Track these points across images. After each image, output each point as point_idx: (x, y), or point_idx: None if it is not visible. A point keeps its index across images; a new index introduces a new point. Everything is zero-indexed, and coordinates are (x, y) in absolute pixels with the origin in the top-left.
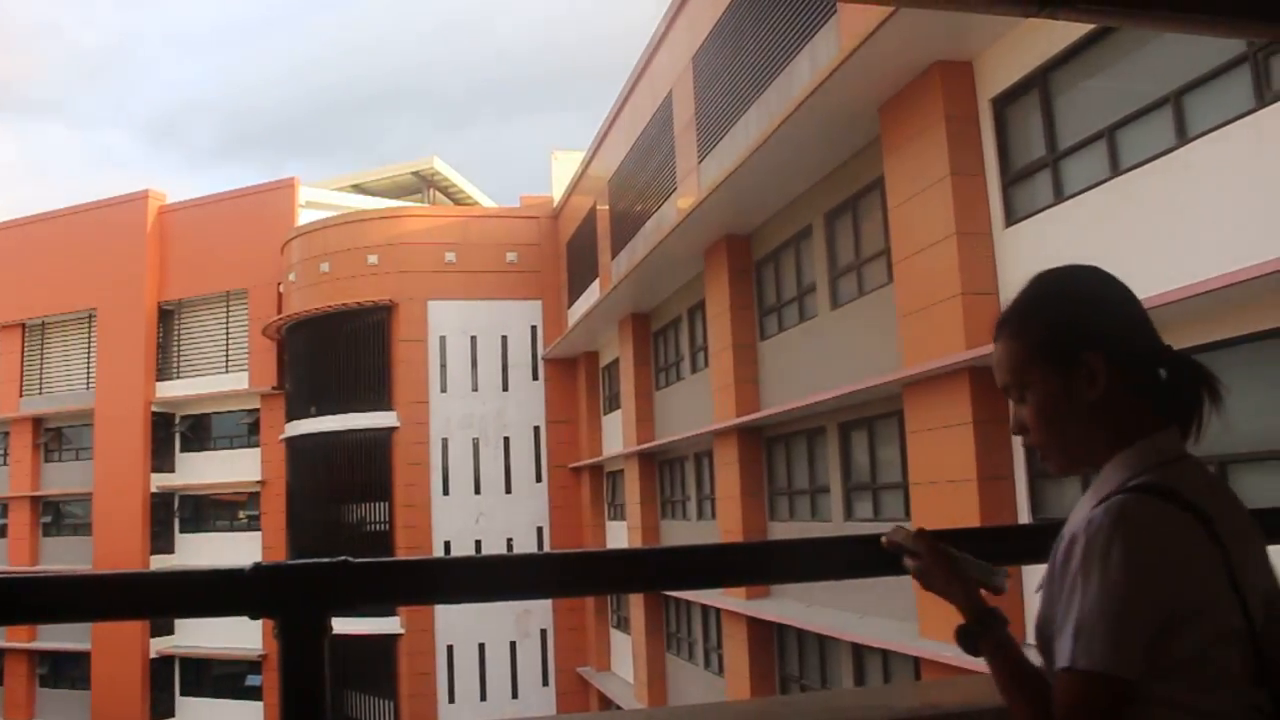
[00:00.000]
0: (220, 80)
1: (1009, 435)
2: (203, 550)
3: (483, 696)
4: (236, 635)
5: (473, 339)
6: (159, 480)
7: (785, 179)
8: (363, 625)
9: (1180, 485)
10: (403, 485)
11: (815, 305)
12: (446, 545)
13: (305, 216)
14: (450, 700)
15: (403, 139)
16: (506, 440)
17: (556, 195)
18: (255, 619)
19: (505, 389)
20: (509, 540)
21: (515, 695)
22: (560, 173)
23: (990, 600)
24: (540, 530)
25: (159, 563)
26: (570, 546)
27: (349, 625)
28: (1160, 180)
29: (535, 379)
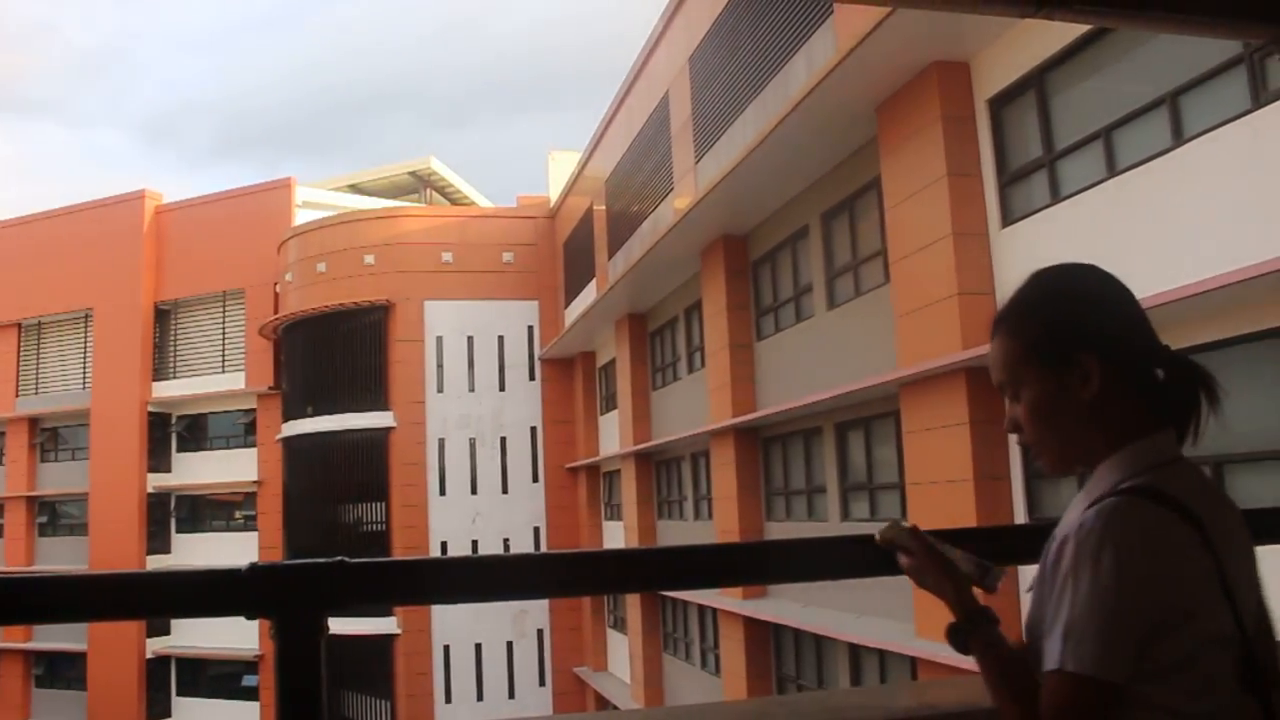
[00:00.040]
0: (217, 80)
1: (1005, 435)
2: (199, 550)
3: (479, 696)
4: (233, 635)
5: (469, 339)
6: (155, 480)
7: (782, 179)
8: (360, 625)
9: (1173, 488)
10: (399, 485)
11: (812, 305)
12: (443, 545)
13: (302, 216)
14: (447, 700)
15: (399, 139)
16: (503, 440)
17: (553, 195)
18: (252, 619)
19: (502, 389)
20: (506, 540)
21: (512, 695)
22: (557, 173)
23: (985, 599)
24: (537, 530)
25: (155, 563)
26: (567, 547)
27: (346, 625)
28: (1157, 181)
29: (532, 379)
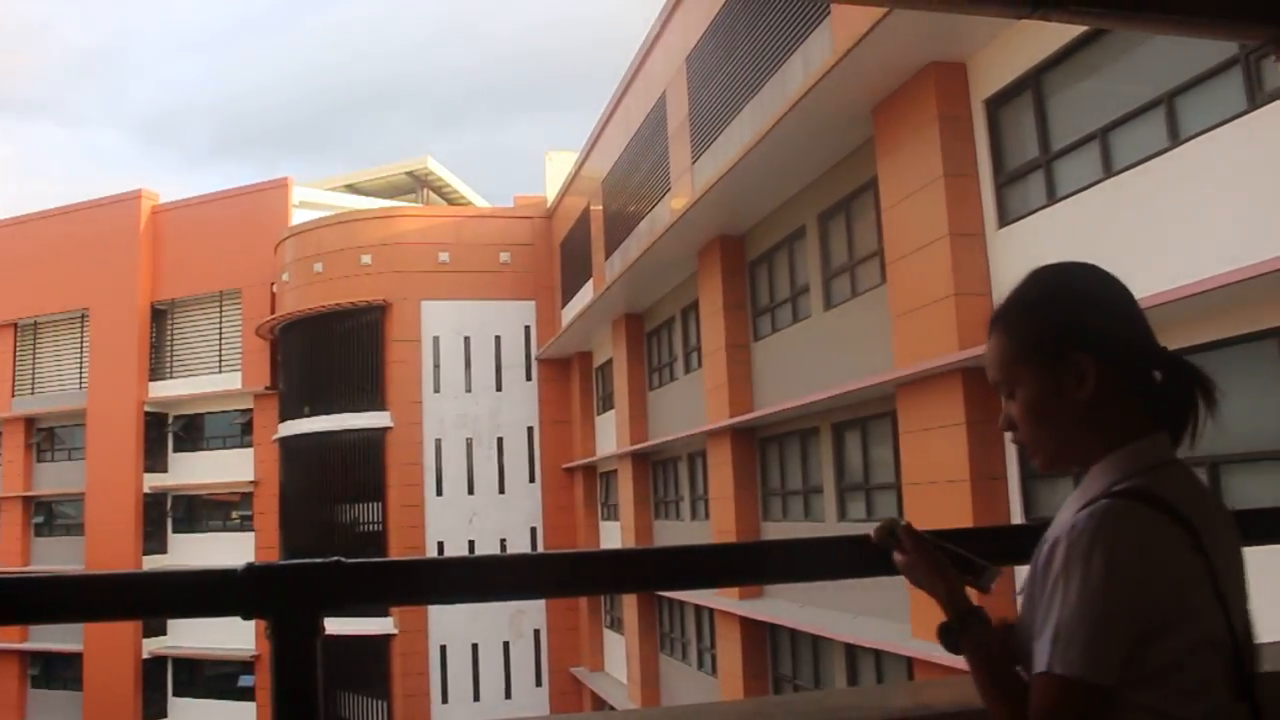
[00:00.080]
0: (214, 80)
1: (1001, 436)
2: (196, 550)
3: (476, 697)
4: (229, 636)
5: (466, 339)
6: (152, 480)
7: (779, 180)
8: (356, 625)
9: (1166, 491)
10: (396, 485)
11: (809, 306)
12: (440, 545)
13: (299, 216)
14: (444, 700)
15: (397, 139)
16: (500, 441)
17: (550, 196)
18: (248, 619)
19: (499, 389)
20: (502, 541)
21: (509, 695)
22: (554, 173)
23: (979, 599)
24: (534, 531)
25: (152, 563)
26: (563, 547)
27: (342, 625)
28: (1153, 182)
29: (529, 379)
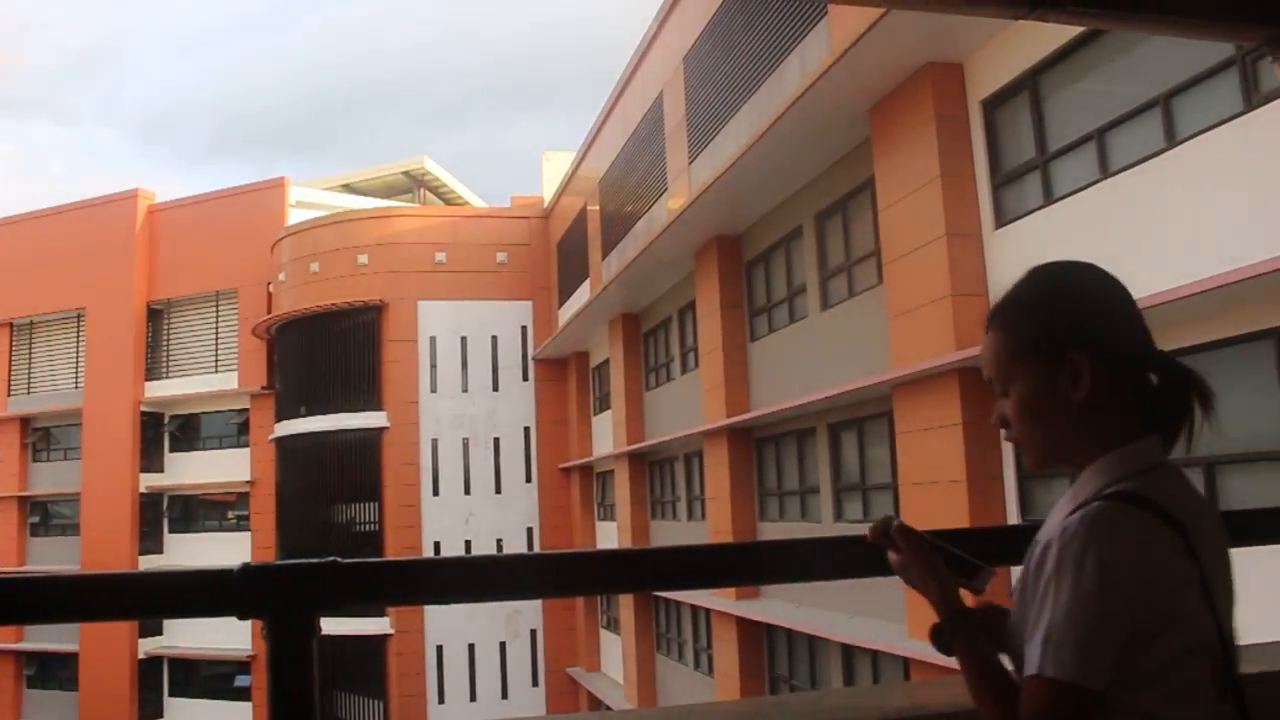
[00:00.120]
0: (211, 80)
1: (998, 436)
2: (192, 551)
3: (472, 697)
4: (225, 636)
5: (463, 339)
6: (148, 480)
7: (776, 180)
8: (352, 626)
9: (1158, 494)
10: (393, 485)
11: (805, 306)
12: (436, 545)
13: (295, 216)
14: (440, 700)
15: (393, 139)
16: (496, 441)
17: (547, 196)
18: (244, 619)
19: (495, 389)
20: (499, 541)
21: (505, 696)
22: (551, 173)
23: (973, 601)
24: (530, 531)
25: (148, 563)
26: (560, 547)
27: (338, 625)
28: (1150, 182)
29: (525, 379)
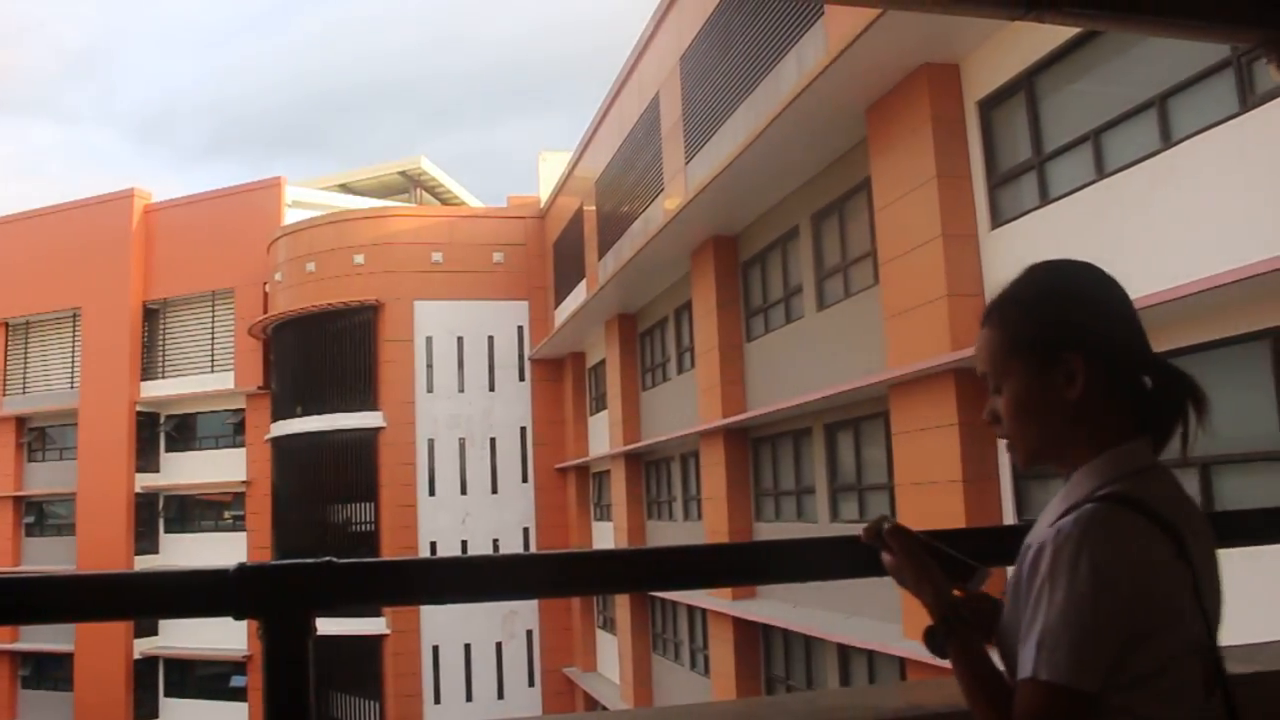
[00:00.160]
0: (207, 79)
1: (994, 436)
2: (188, 551)
3: (468, 697)
4: (221, 636)
5: (459, 339)
6: (143, 480)
7: (772, 180)
8: (348, 626)
9: (1150, 496)
10: (389, 486)
11: (802, 306)
12: (432, 546)
13: (291, 216)
14: (436, 701)
15: (390, 139)
16: (493, 441)
17: (543, 196)
18: (239, 620)
19: (492, 389)
20: (495, 541)
21: (501, 696)
22: (547, 173)
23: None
24: (526, 531)
25: (143, 563)
26: (556, 547)
27: (334, 626)
28: (1146, 183)
29: (522, 379)
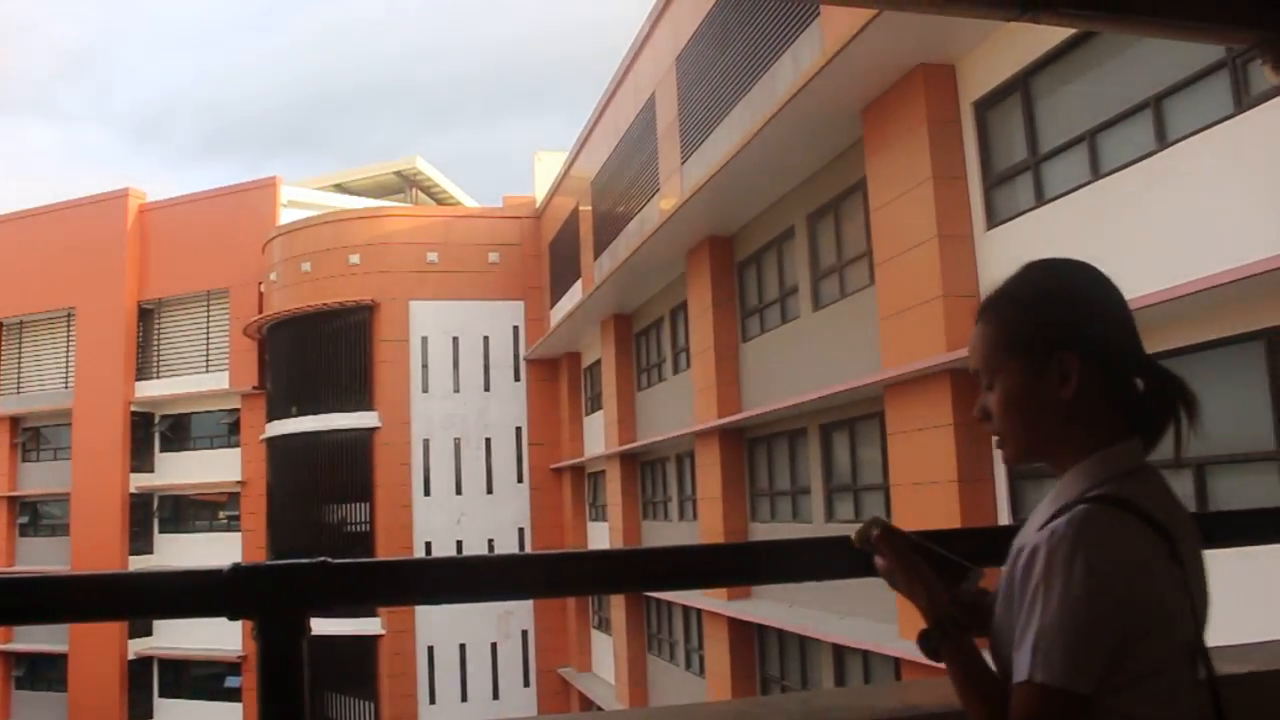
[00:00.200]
0: (203, 79)
1: (989, 437)
2: (182, 551)
3: (463, 697)
4: (215, 636)
5: (454, 339)
6: (138, 480)
7: (768, 180)
8: (343, 626)
9: (1141, 497)
10: (384, 486)
11: (797, 307)
12: (427, 546)
13: (287, 216)
14: (431, 701)
15: (385, 138)
16: (488, 441)
17: (539, 196)
18: (234, 620)
19: (487, 389)
20: (490, 541)
21: (496, 696)
22: (543, 173)
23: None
24: (521, 531)
25: (138, 563)
26: (551, 547)
27: (329, 626)
28: (1141, 184)
29: (517, 380)
